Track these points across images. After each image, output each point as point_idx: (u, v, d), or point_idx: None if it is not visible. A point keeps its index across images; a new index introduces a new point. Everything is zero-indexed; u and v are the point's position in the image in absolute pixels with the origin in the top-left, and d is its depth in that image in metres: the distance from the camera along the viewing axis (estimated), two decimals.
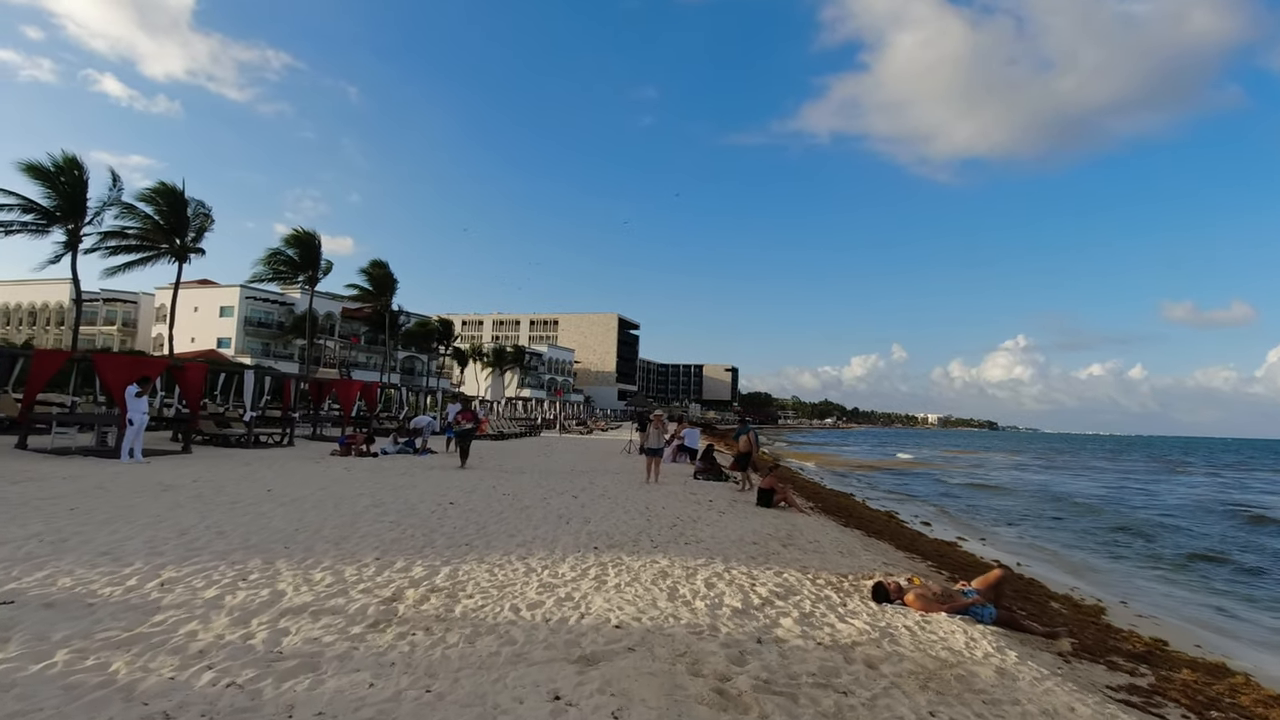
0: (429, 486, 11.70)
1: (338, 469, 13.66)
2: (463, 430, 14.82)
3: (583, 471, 16.37)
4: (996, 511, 20.63)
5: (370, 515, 8.43)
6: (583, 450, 25.29)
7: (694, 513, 10.60)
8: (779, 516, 11.31)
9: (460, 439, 14.95)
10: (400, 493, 10.65)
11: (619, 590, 5.57)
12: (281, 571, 5.49)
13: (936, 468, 42.56)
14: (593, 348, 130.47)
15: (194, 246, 37.00)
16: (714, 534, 8.82)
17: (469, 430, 14.89)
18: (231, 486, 10.23)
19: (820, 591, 6.19)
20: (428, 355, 79.13)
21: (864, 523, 13.63)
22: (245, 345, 64.66)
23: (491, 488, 11.99)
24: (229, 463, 13.76)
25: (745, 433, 14.87)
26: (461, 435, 14.88)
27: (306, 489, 10.46)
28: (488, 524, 8.38)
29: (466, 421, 14.73)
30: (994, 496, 25.66)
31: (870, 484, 28.47)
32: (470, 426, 14.89)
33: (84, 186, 30.97)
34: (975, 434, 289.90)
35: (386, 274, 54.92)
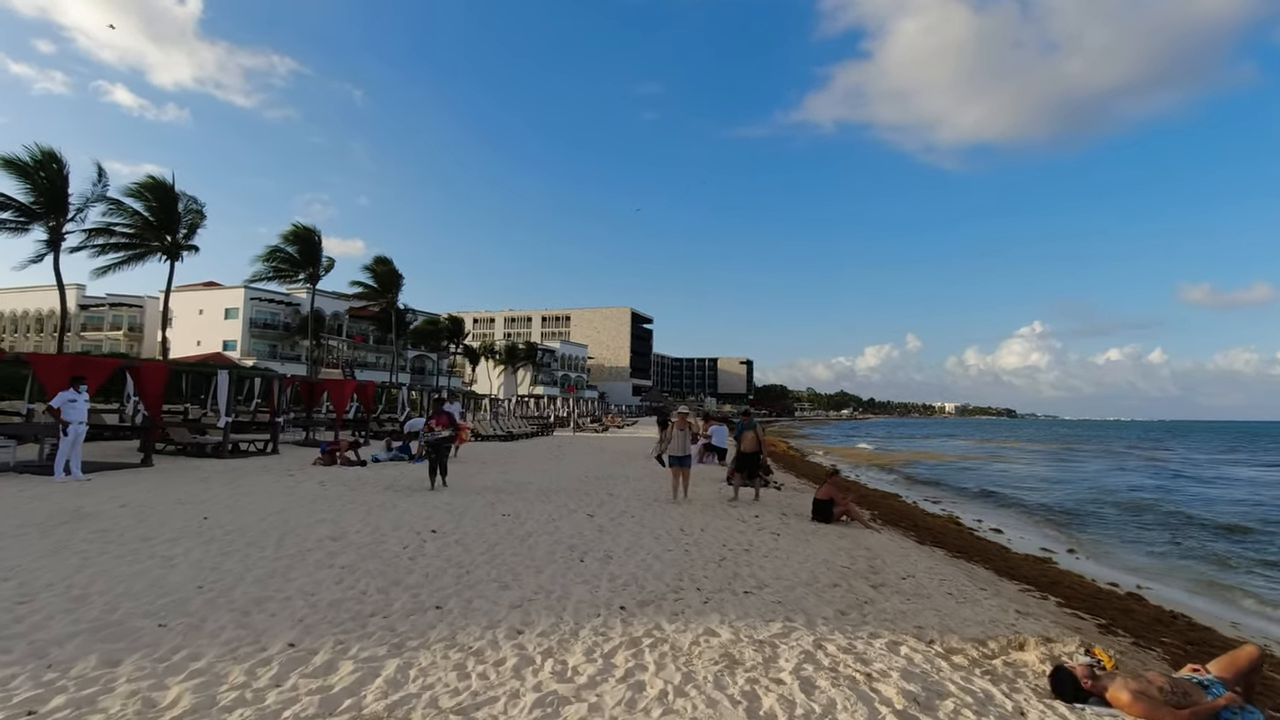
0: (412, 506, 9.59)
1: (312, 483, 11.60)
2: (436, 439, 11.29)
3: (599, 479, 14.22)
4: (1067, 510, 18.24)
5: (317, 556, 6.31)
6: (598, 451, 23.15)
7: (742, 535, 8.40)
8: (845, 535, 9.10)
9: (433, 450, 11.41)
10: (372, 517, 8.53)
11: (667, 705, 3.40)
12: (117, 683, 3.38)
13: (974, 460, 40.03)
14: (606, 343, 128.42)
15: (186, 244, 35.28)
16: (777, 570, 6.63)
17: (444, 440, 11.48)
18: (160, 514, 8.18)
19: (969, 682, 3.98)
20: (438, 354, 77.40)
21: (937, 536, 11.38)
22: (251, 347, 63.22)
23: (488, 506, 9.84)
24: (185, 478, 11.75)
25: (750, 428, 11.87)
26: (434, 446, 11.36)
27: (256, 514, 8.38)
28: (474, 566, 6.23)
29: (441, 428, 11.32)
30: (1052, 489, 23.25)
31: (908, 478, 26.10)
32: (446, 434, 11.45)
33: (64, 181, 29.22)
34: (995, 422, 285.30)
35: (391, 270, 53.08)
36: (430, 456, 11.49)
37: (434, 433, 11.36)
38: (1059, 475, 30.74)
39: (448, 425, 11.52)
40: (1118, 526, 16.05)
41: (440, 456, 11.49)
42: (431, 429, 11.46)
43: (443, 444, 11.50)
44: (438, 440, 11.36)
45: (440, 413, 11.72)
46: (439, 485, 11.43)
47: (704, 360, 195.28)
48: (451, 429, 11.71)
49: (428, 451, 11.53)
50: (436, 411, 11.96)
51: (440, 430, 11.37)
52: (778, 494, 13.23)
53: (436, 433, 11.35)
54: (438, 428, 11.40)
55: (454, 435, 11.67)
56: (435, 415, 11.66)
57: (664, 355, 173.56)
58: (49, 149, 28.73)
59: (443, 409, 12.05)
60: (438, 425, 11.42)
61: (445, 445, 11.62)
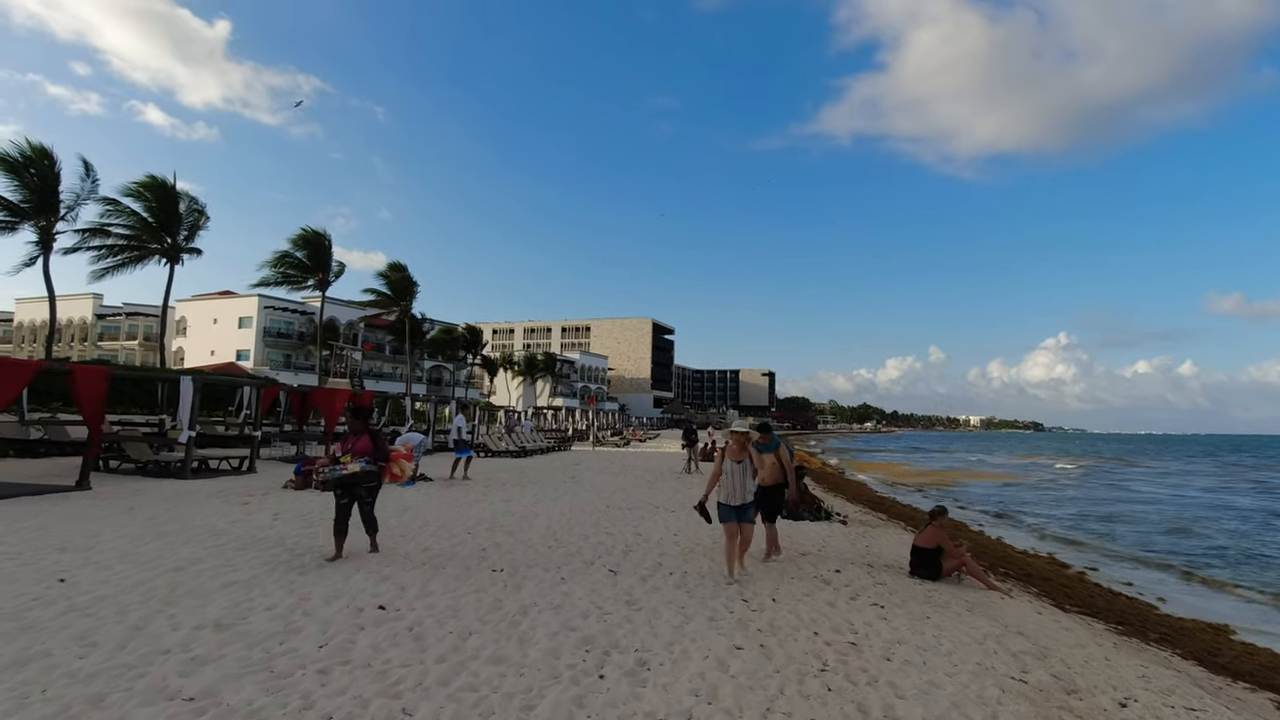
0: (370, 563, 7.12)
1: (264, 516, 9.21)
2: (339, 478, 6.56)
3: (623, 509, 11.68)
4: (1216, 550, 15.20)
5: (168, 669, 3.85)
6: (621, 470, 20.59)
7: (835, 611, 5.78)
8: (973, 605, 6.46)
9: (341, 493, 6.67)
10: (302, 583, 6.05)
11: None
12: None
13: (1027, 479, 36.74)
14: (627, 354, 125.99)
15: (187, 246, 33.60)
16: (919, 690, 4.04)
17: (357, 478, 6.62)
18: (9, 571, 5.80)
19: None
20: (455, 365, 75.55)
21: (1069, 593, 8.65)
22: (265, 356, 61.83)
23: (466, 568, 7.30)
24: (111, 508, 9.44)
25: (773, 448, 7.76)
26: (341, 486, 6.63)
27: (144, 573, 5.98)
28: (424, 690, 3.72)
29: (356, 457, 6.65)
30: (1168, 517, 20.15)
31: (966, 502, 23.12)
32: (357, 469, 6.58)
33: (56, 179, 27.60)
34: (1023, 436, 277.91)
35: (405, 277, 51.24)
36: (339, 500, 6.67)
37: (335, 466, 6.57)
38: (1157, 494, 27.48)
39: (368, 452, 6.67)
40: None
41: (360, 503, 6.78)
42: (335, 459, 6.69)
43: (355, 482, 6.63)
44: (344, 479, 6.55)
45: (363, 431, 6.82)
46: (370, 548, 7.10)
47: (725, 372, 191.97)
48: (372, 459, 6.70)
49: (334, 489, 6.67)
50: (354, 427, 6.89)
51: (349, 462, 6.55)
52: (845, 532, 10.58)
53: (339, 467, 6.55)
54: (346, 457, 6.62)
55: (377, 470, 6.76)
56: (352, 435, 6.84)
57: (685, 367, 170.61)
58: (39, 145, 27.13)
59: (368, 427, 6.92)
60: (347, 452, 6.67)
61: (366, 485, 6.72)
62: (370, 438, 6.81)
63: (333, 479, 6.60)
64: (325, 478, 6.68)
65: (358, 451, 6.70)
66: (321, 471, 6.83)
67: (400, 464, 7.50)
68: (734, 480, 6.49)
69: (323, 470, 6.82)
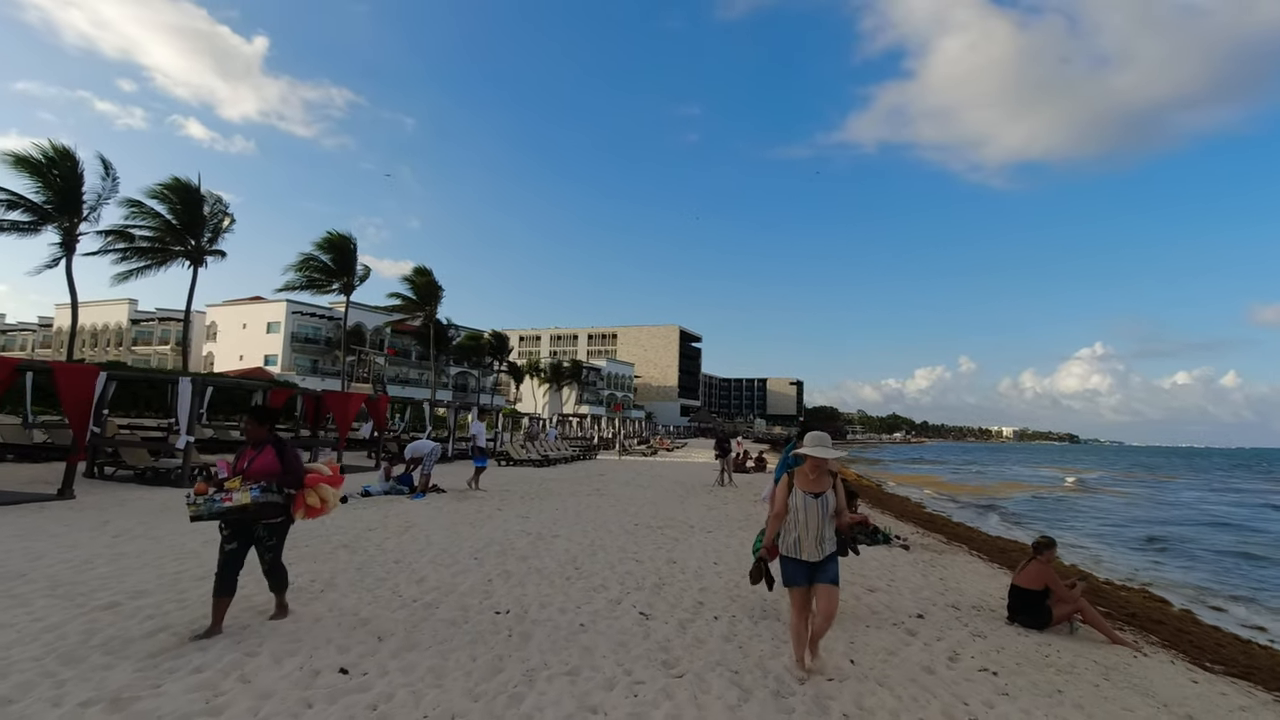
0: (338, 603, 5.93)
1: None
2: (221, 510, 4.33)
3: (653, 529, 10.39)
4: None
5: None
6: (649, 482, 19.28)
7: (940, 687, 4.40)
8: (1104, 667, 5.04)
9: (230, 535, 4.51)
10: (258, 629, 4.88)
11: None
12: None
13: (1089, 492, 34.48)
14: (654, 361, 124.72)
15: (211, 249, 33.25)
16: None
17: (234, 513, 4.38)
18: None
19: None
20: (481, 371, 75.03)
21: (1208, 650, 7.13)
22: (292, 362, 61.86)
23: (464, 610, 6.08)
24: (83, 521, 8.45)
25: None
26: (226, 521, 4.45)
27: (63, 612, 4.86)
28: None
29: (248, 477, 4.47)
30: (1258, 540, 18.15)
31: (1017, 517, 21.26)
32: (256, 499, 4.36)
33: (79, 180, 27.33)
34: (1061, 448, 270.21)
35: (430, 281, 50.77)
36: (225, 545, 4.51)
37: (213, 494, 4.34)
38: (1223, 510, 25.27)
39: (271, 474, 4.51)
40: None
41: (260, 548, 4.62)
42: (217, 480, 4.46)
43: (245, 519, 4.46)
44: (226, 513, 4.36)
45: (265, 443, 4.64)
46: (275, 612, 4.92)
47: (753, 380, 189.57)
48: (277, 485, 4.53)
49: (224, 538, 4.52)
50: (252, 435, 4.70)
51: (237, 488, 4.36)
52: (910, 559, 9.14)
53: (218, 495, 4.34)
54: (234, 480, 4.42)
55: (282, 501, 4.58)
56: (250, 447, 4.68)
57: (712, 375, 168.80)
58: (61, 145, 26.90)
59: (273, 437, 4.72)
60: (238, 473, 4.51)
61: (266, 521, 4.56)
62: (276, 453, 4.56)
63: (207, 512, 4.30)
64: (198, 510, 4.32)
65: (254, 472, 4.45)
66: (194, 501, 4.31)
67: (321, 492, 4.69)
68: (806, 523, 4.20)
69: (196, 499, 4.32)
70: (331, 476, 4.87)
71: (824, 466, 4.33)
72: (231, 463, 4.68)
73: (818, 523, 4.24)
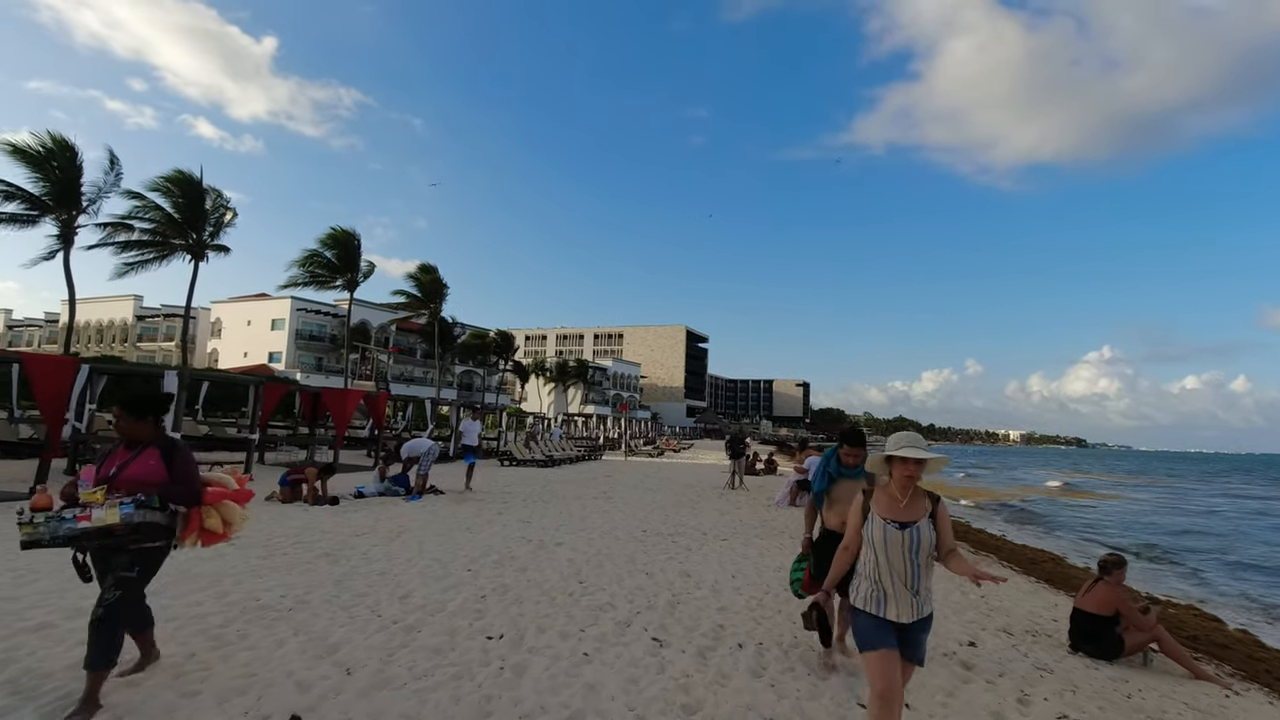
0: (304, 636, 5.24)
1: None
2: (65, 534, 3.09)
3: (664, 536, 9.67)
4: None
5: None
6: (658, 484, 18.56)
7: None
8: (1197, 710, 4.29)
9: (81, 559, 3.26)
10: (206, 655, 4.20)
11: None
12: None
13: (1109, 498, 33.52)
14: (660, 362, 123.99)
15: (213, 243, 32.70)
16: None
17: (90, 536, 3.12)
18: None
19: None
20: (486, 370, 74.47)
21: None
22: (297, 359, 61.44)
23: (452, 632, 5.37)
24: None
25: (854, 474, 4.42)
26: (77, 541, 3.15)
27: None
28: None
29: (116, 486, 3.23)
30: None
31: (1047, 525, 20.43)
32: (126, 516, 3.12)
33: (78, 172, 26.81)
34: (1070, 452, 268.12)
35: (436, 279, 50.17)
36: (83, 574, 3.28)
37: (63, 512, 3.12)
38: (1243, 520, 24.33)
39: (150, 482, 3.24)
40: None
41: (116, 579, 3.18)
42: (73, 496, 3.20)
43: (113, 544, 3.18)
44: (79, 536, 3.11)
45: (147, 444, 3.34)
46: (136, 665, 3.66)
47: (759, 382, 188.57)
48: (160, 498, 3.24)
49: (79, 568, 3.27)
50: (125, 431, 3.37)
51: (100, 501, 3.13)
52: (941, 573, 8.36)
53: (69, 512, 3.10)
54: (98, 491, 3.16)
55: (164, 521, 3.28)
56: (123, 448, 3.38)
57: (718, 376, 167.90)
58: (60, 137, 26.40)
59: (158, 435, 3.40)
60: (104, 482, 3.23)
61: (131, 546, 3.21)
62: (162, 456, 3.30)
63: (49, 536, 3.10)
64: (34, 534, 3.09)
65: (127, 481, 3.24)
66: (30, 520, 3.09)
67: (224, 512, 3.52)
68: (891, 566, 2.96)
69: (32, 517, 3.10)
70: (238, 491, 3.66)
71: (916, 477, 2.99)
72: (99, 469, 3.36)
73: (908, 567, 2.92)
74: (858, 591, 3.05)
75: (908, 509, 3.00)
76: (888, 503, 3.05)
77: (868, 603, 2.97)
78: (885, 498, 3.07)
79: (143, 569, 3.29)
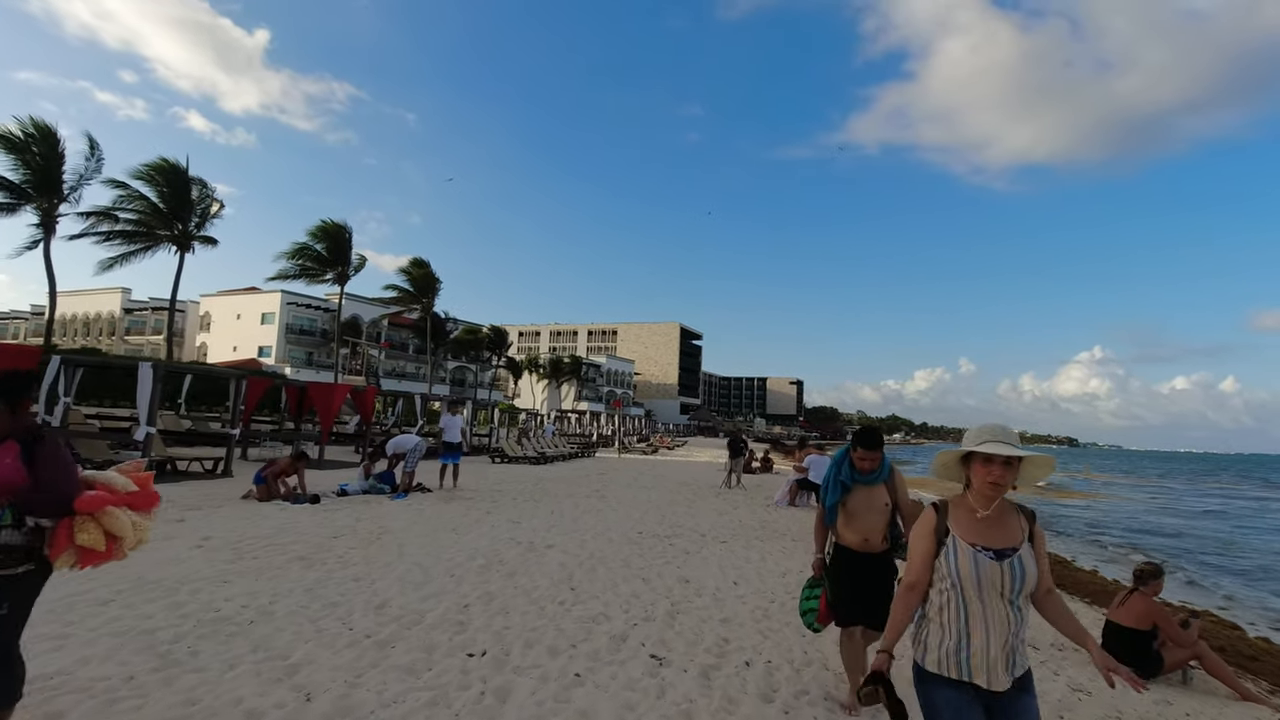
0: (262, 653, 4.77)
1: (182, 543, 6.96)
2: None
3: (661, 538, 9.23)
4: None
5: None
6: (653, 482, 18.12)
7: None
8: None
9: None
10: (140, 681, 3.73)
11: None
12: None
13: (1103, 499, 33.28)
14: (654, 359, 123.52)
15: (199, 235, 32.04)
16: None
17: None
18: None
19: None
20: (479, 366, 73.88)
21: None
22: (287, 354, 60.73)
23: (428, 648, 4.92)
24: None
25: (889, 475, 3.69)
26: None
27: None
28: None
29: None
30: None
31: (1076, 537, 20.05)
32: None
33: (59, 159, 26.15)
34: (1062, 451, 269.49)
35: (428, 273, 49.53)
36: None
37: None
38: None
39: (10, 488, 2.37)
40: None
41: None
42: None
43: None
44: None
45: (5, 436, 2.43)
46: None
47: (753, 379, 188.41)
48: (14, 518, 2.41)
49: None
50: None
51: None
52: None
53: None
54: None
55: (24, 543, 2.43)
56: None
57: (712, 374, 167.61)
58: (42, 123, 25.74)
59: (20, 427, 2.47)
60: None
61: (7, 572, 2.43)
62: (22, 454, 2.44)
63: None
64: None
65: None
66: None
67: (108, 522, 2.54)
68: (985, 607, 2.15)
69: None
70: (135, 495, 2.70)
71: (1006, 485, 2.17)
72: None
73: (1007, 612, 2.13)
74: (926, 646, 2.22)
75: (998, 530, 2.19)
76: (970, 521, 2.22)
77: (944, 664, 2.15)
78: (966, 514, 2.24)
79: (13, 608, 2.47)
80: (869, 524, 3.63)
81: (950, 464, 2.34)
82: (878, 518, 3.63)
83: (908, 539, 3.47)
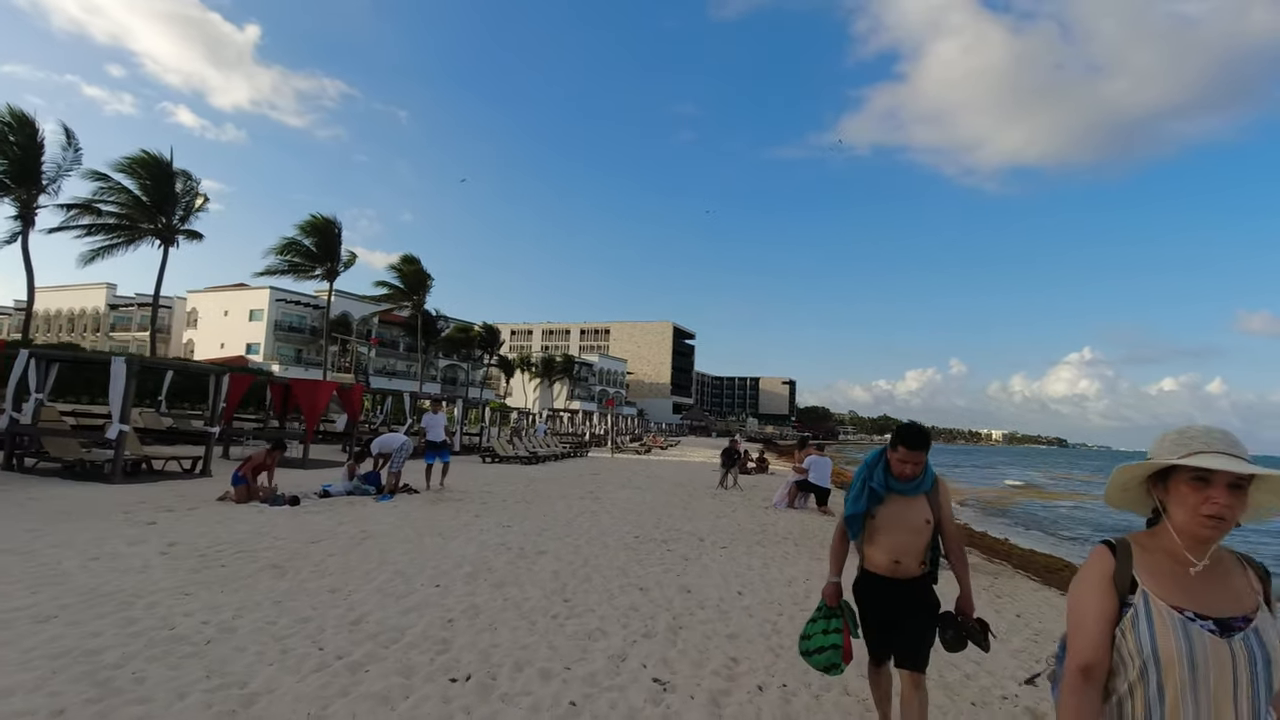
0: (216, 679, 4.31)
1: (147, 548, 6.48)
2: None
3: (659, 543, 8.82)
4: None
5: None
6: (647, 482, 17.71)
7: None
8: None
9: None
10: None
11: None
12: None
13: (1093, 499, 33.17)
14: (646, 358, 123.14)
15: (182, 228, 31.36)
16: None
17: None
18: None
19: None
20: (470, 364, 73.25)
21: None
22: (275, 351, 59.92)
23: (406, 670, 4.48)
24: None
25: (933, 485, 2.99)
26: None
27: None
28: None
29: None
30: None
31: (1079, 538, 19.89)
32: None
33: (38, 149, 25.46)
34: (1052, 452, 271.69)
35: (419, 270, 49.01)
36: None
37: None
38: None
39: None
40: None
41: None
42: None
43: None
44: None
45: None
46: None
47: (745, 379, 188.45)
48: None
49: None
50: None
51: None
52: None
53: None
54: None
55: None
56: None
57: (704, 373, 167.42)
58: (20, 112, 25.02)
59: None
60: None
61: None
62: None
63: None
64: None
65: None
66: None
67: None
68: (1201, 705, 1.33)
69: None
70: None
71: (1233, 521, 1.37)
72: None
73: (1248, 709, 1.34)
74: None
75: (1217, 588, 1.43)
76: (1173, 574, 1.44)
77: None
78: (1166, 563, 1.46)
79: None
80: (902, 544, 2.90)
81: (1132, 486, 1.56)
82: (914, 538, 2.89)
83: (956, 569, 2.98)
